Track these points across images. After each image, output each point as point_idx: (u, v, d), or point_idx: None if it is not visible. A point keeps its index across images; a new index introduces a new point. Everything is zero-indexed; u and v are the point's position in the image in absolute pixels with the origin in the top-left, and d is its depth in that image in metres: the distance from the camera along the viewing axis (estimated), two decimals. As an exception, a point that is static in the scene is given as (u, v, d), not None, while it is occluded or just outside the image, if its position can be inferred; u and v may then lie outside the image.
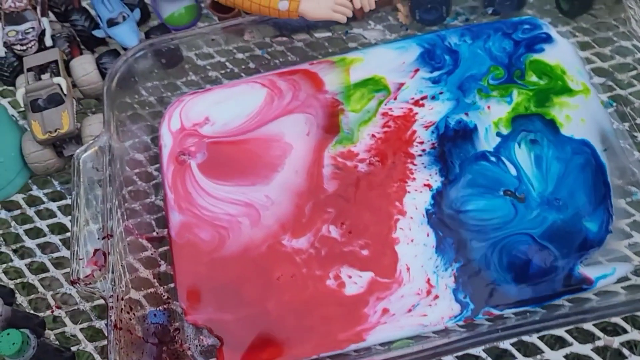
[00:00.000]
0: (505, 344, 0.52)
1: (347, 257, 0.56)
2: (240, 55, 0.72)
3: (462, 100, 0.62)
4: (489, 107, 0.61)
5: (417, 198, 0.58)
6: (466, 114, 0.61)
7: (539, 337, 0.53)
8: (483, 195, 0.58)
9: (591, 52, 0.67)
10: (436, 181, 0.58)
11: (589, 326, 0.53)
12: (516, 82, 0.63)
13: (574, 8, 0.67)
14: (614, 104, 0.63)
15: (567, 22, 0.68)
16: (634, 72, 0.64)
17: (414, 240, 0.56)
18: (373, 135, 0.62)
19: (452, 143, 0.60)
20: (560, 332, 0.53)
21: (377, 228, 0.57)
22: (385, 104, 0.63)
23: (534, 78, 0.63)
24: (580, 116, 0.60)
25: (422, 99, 0.63)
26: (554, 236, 0.55)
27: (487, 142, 0.60)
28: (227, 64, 0.71)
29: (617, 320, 0.53)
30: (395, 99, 0.63)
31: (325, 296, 0.55)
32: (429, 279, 0.54)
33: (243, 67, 0.71)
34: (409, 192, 0.58)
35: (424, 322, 0.53)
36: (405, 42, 0.67)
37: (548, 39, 0.65)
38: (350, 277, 0.55)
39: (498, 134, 0.60)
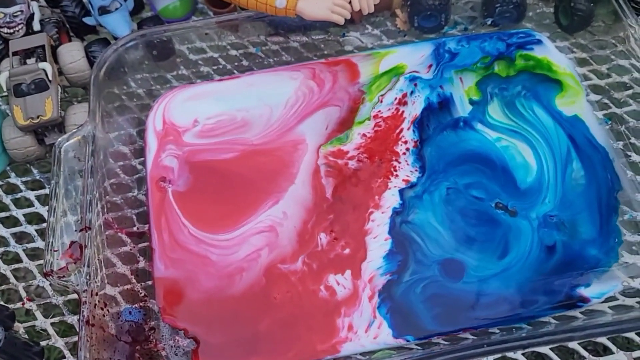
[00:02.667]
0: (489, 360, 0.51)
1: (333, 263, 0.55)
2: (233, 52, 0.70)
3: (437, 80, 0.64)
4: (461, 79, 0.64)
5: (395, 195, 0.58)
6: (441, 87, 0.64)
7: (522, 354, 0.52)
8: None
9: (588, 69, 0.66)
10: (415, 177, 0.59)
11: (574, 345, 0.52)
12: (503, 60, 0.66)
13: (573, 24, 0.67)
14: (610, 122, 0.62)
15: (566, 38, 0.68)
16: (630, 91, 0.64)
17: (377, 237, 0.56)
18: (364, 135, 0.62)
19: (430, 111, 0.62)
20: (545, 349, 0.52)
21: (356, 224, 0.57)
22: (374, 108, 0.63)
23: (521, 62, 0.65)
24: (577, 110, 0.62)
25: (403, 97, 0.64)
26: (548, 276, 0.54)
27: (462, 110, 0.62)
28: (220, 60, 0.70)
29: (603, 340, 0.52)
30: (381, 102, 0.64)
31: (317, 308, 0.53)
32: (371, 278, 0.54)
33: (236, 64, 0.70)
34: (389, 188, 0.58)
35: (379, 341, 0.52)
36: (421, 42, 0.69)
37: (539, 42, 0.67)
38: (338, 282, 0.54)
39: (470, 101, 0.63)
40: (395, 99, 0.64)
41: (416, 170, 0.59)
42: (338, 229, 0.57)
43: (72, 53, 0.65)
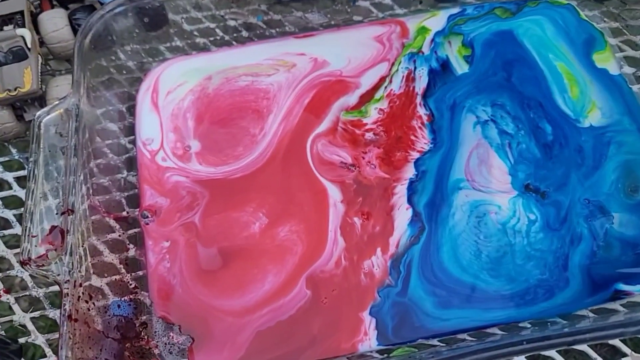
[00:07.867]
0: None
1: (368, 246, 0.52)
2: (232, 23, 0.64)
3: (432, 51, 0.62)
4: (449, 42, 0.61)
5: (412, 167, 0.55)
6: (435, 52, 0.61)
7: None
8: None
9: (621, 40, 0.61)
10: (429, 149, 0.56)
11: (583, 347, 0.47)
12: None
13: (604, -10, 0.62)
14: (647, 97, 0.57)
15: (596, 6, 0.62)
16: (667, 64, 0.59)
17: (399, 208, 0.53)
18: (381, 110, 0.59)
19: (435, 74, 0.60)
20: (553, 353, 0.47)
21: (382, 201, 0.54)
22: (386, 88, 0.60)
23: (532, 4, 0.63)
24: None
25: (409, 73, 0.61)
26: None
27: (460, 68, 0.60)
28: (218, 30, 0.64)
29: (615, 341, 0.47)
30: (390, 82, 0.61)
31: (360, 298, 0.49)
32: (397, 243, 0.51)
33: (235, 35, 0.64)
34: (408, 161, 0.56)
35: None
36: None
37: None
38: (373, 264, 0.51)
39: (465, 58, 0.60)
40: (403, 77, 0.61)
41: (430, 142, 0.57)
42: (367, 210, 0.53)
43: (55, 21, 0.59)
